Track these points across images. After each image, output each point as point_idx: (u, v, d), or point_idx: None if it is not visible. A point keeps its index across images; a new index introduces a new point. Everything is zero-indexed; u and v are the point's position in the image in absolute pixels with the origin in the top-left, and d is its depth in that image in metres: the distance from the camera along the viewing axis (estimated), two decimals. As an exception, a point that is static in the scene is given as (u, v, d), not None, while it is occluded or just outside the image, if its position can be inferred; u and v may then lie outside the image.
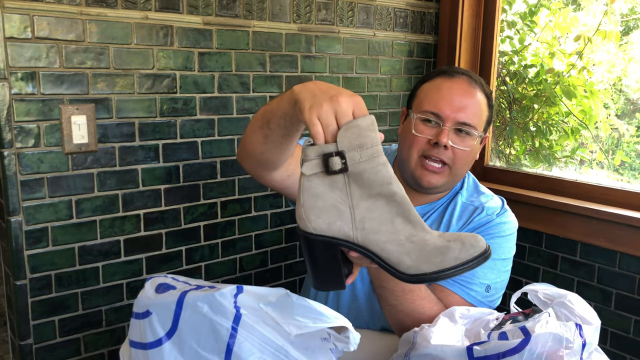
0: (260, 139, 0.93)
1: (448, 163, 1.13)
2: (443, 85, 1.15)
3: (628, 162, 1.90)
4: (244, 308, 0.74)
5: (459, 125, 1.12)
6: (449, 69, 1.19)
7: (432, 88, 1.16)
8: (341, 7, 1.82)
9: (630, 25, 1.91)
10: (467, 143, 1.14)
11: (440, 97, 1.13)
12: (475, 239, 0.72)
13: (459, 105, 1.12)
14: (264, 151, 0.96)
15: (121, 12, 1.43)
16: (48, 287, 1.43)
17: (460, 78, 1.15)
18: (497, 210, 1.20)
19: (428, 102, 1.14)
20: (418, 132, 1.13)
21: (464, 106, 1.12)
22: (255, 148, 0.96)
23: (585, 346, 0.80)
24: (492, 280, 1.14)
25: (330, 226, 0.71)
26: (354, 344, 0.79)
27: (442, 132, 1.11)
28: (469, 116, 1.12)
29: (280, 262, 1.87)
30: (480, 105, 1.15)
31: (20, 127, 1.34)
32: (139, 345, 0.77)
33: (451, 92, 1.13)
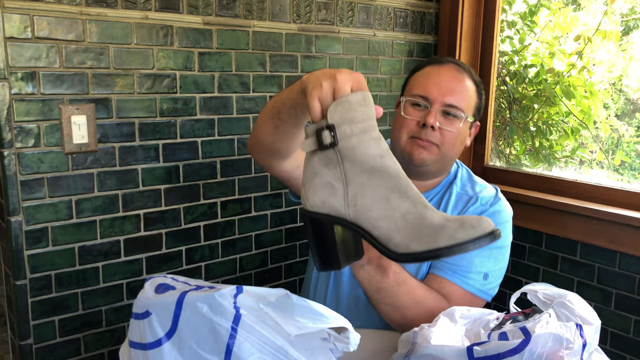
0: (271, 129, 0.97)
1: (436, 143, 1.17)
2: (432, 71, 1.21)
3: (628, 162, 1.90)
4: (243, 308, 0.74)
5: (446, 107, 1.17)
6: (439, 58, 1.25)
7: (422, 75, 1.23)
8: (341, 7, 1.82)
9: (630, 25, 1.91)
10: (454, 125, 1.18)
11: (429, 82, 1.19)
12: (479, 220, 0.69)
13: (446, 89, 1.17)
14: (275, 140, 0.99)
15: (121, 12, 1.43)
16: (48, 287, 1.43)
17: (448, 65, 1.21)
18: (490, 200, 1.22)
19: (417, 87, 1.20)
20: (407, 115, 1.19)
21: (451, 89, 1.17)
22: (266, 138, 1.00)
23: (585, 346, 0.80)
24: (489, 268, 1.15)
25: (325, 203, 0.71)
26: (353, 344, 0.79)
27: (430, 114, 1.16)
28: (456, 99, 1.17)
29: (280, 262, 1.87)
30: (468, 90, 1.20)
31: (20, 127, 1.34)
32: (138, 346, 0.77)
33: (439, 77, 1.19)
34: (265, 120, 0.98)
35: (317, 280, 1.35)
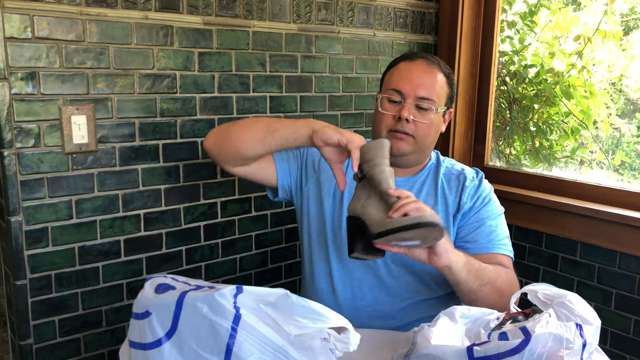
0: (257, 139, 1.19)
1: (412, 134, 1.27)
2: (404, 68, 1.31)
3: (628, 162, 1.90)
4: (243, 308, 0.74)
5: (419, 100, 1.26)
6: (410, 54, 1.35)
7: (395, 71, 1.32)
8: (341, 7, 1.82)
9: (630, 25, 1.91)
10: (427, 117, 1.28)
11: (401, 78, 1.29)
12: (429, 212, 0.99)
13: (417, 83, 1.27)
14: (252, 149, 1.22)
15: (121, 12, 1.43)
16: (48, 287, 1.43)
17: (418, 60, 1.31)
18: (474, 174, 1.36)
19: (391, 83, 1.30)
20: (384, 110, 1.29)
21: (422, 83, 1.27)
22: (245, 144, 1.21)
23: (585, 346, 0.80)
24: (505, 232, 1.31)
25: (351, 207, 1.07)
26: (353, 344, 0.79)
27: (404, 107, 1.26)
28: (428, 91, 1.27)
29: (280, 262, 1.87)
30: (439, 82, 1.30)
31: (20, 127, 1.34)
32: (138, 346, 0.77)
33: (410, 72, 1.29)
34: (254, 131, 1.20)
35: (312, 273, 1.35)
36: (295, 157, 1.37)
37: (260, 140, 1.19)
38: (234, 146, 1.24)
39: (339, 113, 1.90)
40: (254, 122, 1.23)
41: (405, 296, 1.27)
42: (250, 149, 1.22)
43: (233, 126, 1.27)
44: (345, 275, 1.30)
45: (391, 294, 1.27)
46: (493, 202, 1.32)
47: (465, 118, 2.10)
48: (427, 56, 1.32)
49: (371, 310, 1.28)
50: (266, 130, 1.18)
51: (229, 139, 1.25)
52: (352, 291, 1.29)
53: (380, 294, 1.28)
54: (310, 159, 1.38)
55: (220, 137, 1.28)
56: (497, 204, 1.33)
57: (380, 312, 1.28)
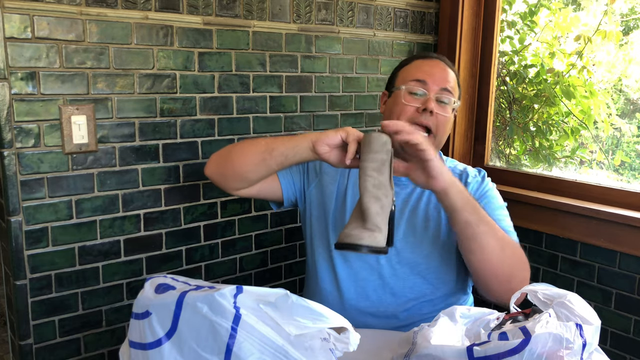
0: (257, 161, 1.20)
1: (432, 130, 1.28)
2: (422, 63, 1.34)
3: (628, 162, 1.90)
4: (243, 308, 0.74)
5: (441, 92, 1.29)
6: (424, 53, 1.41)
7: (412, 67, 1.34)
8: (341, 7, 1.82)
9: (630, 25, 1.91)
10: (447, 110, 1.30)
11: (422, 71, 1.32)
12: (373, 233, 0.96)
13: (439, 76, 1.30)
14: (254, 171, 1.23)
15: (121, 12, 1.43)
16: (48, 287, 1.43)
17: (434, 59, 1.36)
18: (476, 172, 1.37)
19: (412, 75, 1.31)
20: (407, 102, 1.29)
21: (444, 77, 1.31)
22: (246, 168, 1.22)
23: (585, 346, 0.80)
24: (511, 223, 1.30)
25: None
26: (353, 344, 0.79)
27: (429, 100, 1.27)
28: (450, 84, 1.31)
29: (280, 262, 1.87)
30: (455, 79, 1.34)
31: (20, 127, 1.34)
32: (138, 346, 0.77)
33: (431, 68, 1.32)
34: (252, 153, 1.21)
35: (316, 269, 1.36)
36: (298, 168, 1.38)
37: (260, 161, 1.20)
38: (236, 171, 1.24)
39: (339, 113, 1.90)
40: (252, 145, 1.24)
41: (410, 297, 1.27)
42: (251, 172, 1.23)
43: (232, 151, 1.27)
44: (350, 277, 1.30)
45: (396, 295, 1.27)
46: (495, 196, 1.32)
47: (465, 118, 2.10)
48: (439, 56, 1.38)
49: (375, 311, 1.28)
50: (265, 151, 1.19)
51: (229, 165, 1.26)
52: (356, 292, 1.29)
53: (384, 294, 1.27)
54: (312, 164, 1.38)
55: (221, 164, 1.29)
56: (500, 199, 1.33)
57: (384, 313, 1.28)
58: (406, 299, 1.27)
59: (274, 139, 1.22)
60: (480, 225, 1.12)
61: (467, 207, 1.11)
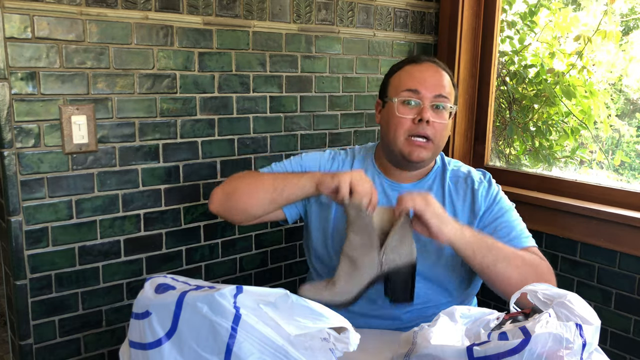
0: (266, 202, 1.24)
1: (431, 138, 1.26)
2: (413, 70, 1.29)
3: (628, 162, 1.90)
4: (243, 308, 0.74)
5: (436, 98, 1.25)
6: (415, 57, 1.34)
7: (404, 74, 1.30)
8: (341, 7, 1.82)
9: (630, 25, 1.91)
10: (444, 116, 1.27)
11: (414, 78, 1.27)
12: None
13: (432, 83, 1.26)
14: (262, 209, 1.27)
15: (121, 12, 1.43)
16: (48, 287, 1.43)
17: (425, 63, 1.30)
18: (481, 176, 1.35)
19: (404, 84, 1.27)
20: (401, 114, 1.26)
21: (437, 82, 1.27)
22: (254, 207, 1.26)
23: (585, 346, 0.80)
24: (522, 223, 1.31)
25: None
26: (353, 344, 0.79)
27: (424, 109, 1.24)
28: (442, 89, 1.26)
29: (280, 262, 1.87)
30: (448, 82, 1.29)
31: (20, 127, 1.34)
32: (138, 346, 0.77)
33: (422, 74, 1.28)
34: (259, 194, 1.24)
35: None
36: None
37: (269, 202, 1.25)
38: (244, 211, 1.28)
39: (339, 113, 1.90)
40: (259, 185, 1.25)
41: (415, 303, 1.27)
42: (260, 210, 1.28)
43: (237, 191, 1.28)
44: None
45: None
46: (504, 199, 1.32)
47: (465, 118, 2.10)
48: (431, 58, 1.33)
49: (379, 314, 1.28)
50: (273, 192, 1.23)
51: (236, 205, 1.28)
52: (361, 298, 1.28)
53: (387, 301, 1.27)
54: None
55: (226, 203, 1.30)
56: (507, 200, 1.33)
57: (388, 315, 1.27)
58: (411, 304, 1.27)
59: (281, 179, 1.24)
60: (498, 264, 1.13)
61: (479, 251, 1.12)
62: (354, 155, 1.40)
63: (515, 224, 1.28)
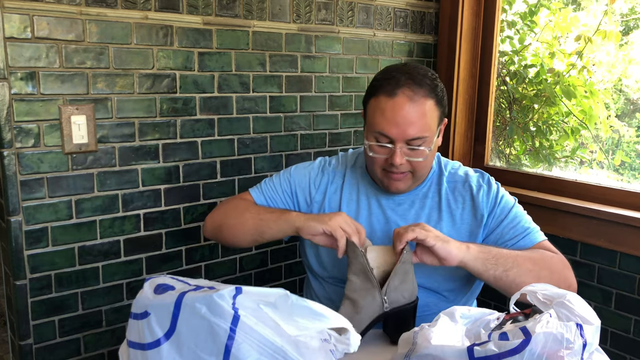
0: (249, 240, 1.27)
1: (409, 171, 1.21)
2: (386, 106, 1.16)
3: (628, 162, 1.90)
4: (242, 309, 0.74)
5: (409, 141, 1.17)
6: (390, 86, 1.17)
7: (377, 109, 1.18)
8: (341, 7, 1.82)
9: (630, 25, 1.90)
10: (421, 154, 1.18)
11: (385, 120, 1.16)
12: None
13: (404, 124, 1.15)
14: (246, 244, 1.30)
15: (121, 12, 1.43)
16: (48, 287, 1.43)
17: (400, 96, 1.15)
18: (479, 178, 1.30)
19: (376, 124, 1.18)
20: (375, 154, 1.20)
21: (409, 123, 1.15)
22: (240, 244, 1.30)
23: (586, 346, 0.79)
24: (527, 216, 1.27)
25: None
26: (354, 345, 0.79)
27: (395, 154, 1.16)
28: (416, 130, 1.16)
29: (280, 262, 1.87)
30: (426, 113, 1.16)
31: (20, 127, 1.34)
32: (137, 346, 0.77)
33: (394, 112, 1.15)
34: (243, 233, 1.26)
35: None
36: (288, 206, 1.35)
37: (251, 241, 1.28)
38: (233, 244, 1.33)
39: (339, 113, 1.90)
40: (240, 225, 1.27)
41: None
42: (247, 245, 1.32)
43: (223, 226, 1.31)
44: None
45: None
46: (504, 198, 1.27)
47: (465, 118, 2.10)
48: (407, 83, 1.15)
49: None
50: (255, 233, 1.24)
51: (224, 239, 1.34)
52: None
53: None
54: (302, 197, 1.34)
55: (216, 236, 1.35)
56: (508, 196, 1.29)
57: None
58: None
59: (261, 220, 1.24)
60: (509, 272, 1.11)
61: (489, 265, 1.10)
62: (345, 166, 1.35)
63: (521, 223, 1.24)
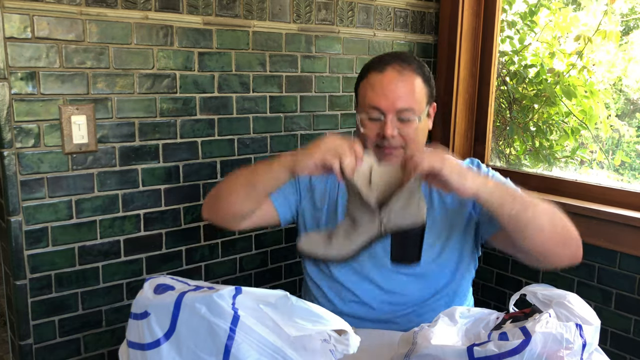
0: (243, 197, 1.18)
1: (401, 146, 1.21)
2: (375, 80, 1.22)
3: (628, 162, 1.90)
4: (242, 309, 0.74)
5: (399, 113, 1.19)
6: (379, 62, 1.24)
7: (367, 86, 1.23)
8: (341, 7, 1.82)
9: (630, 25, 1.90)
10: (412, 126, 1.21)
11: (375, 93, 1.21)
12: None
13: (393, 96, 1.19)
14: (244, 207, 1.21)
15: (121, 12, 1.43)
16: (48, 287, 1.43)
17: (388, 70, 1.21)
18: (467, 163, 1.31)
19: (367, 99, 1.22)
20: (366, 129, 1.22)
21: (399, 95, 1.19)
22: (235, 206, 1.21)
23: (585, 346, 0.80)
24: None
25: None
26: (353, 346, 0.79)
27: (386, 125, 1.19)
28: (406, 102, 1.19)
29: (280, 262, 1.87)
30: (415, 87, 1.21)
31: (20, 127, 1.34)
32: (137, 346, 0.77)
33: (383, 85, 1.20)
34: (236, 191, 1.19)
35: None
36: (291, 185, 1.35)
37: (245, 197, 1.18)
38: (227, 212, 1.24)
39: (339, 113, 1.90)
40: (234, 181, 1.21)
41: (408, 303, 1.27)
42: (241, 208, 1.22)
43: (219, 191, 1.26)
44: (344, 286, 1.29)
45: (393, 302, 1.27)
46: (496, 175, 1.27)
47: (465, 118, 2.10)
48: (396, 61, 1.22)
49: (373, 318, 1.27)
50: (247, 186, 1.17)
51: (220, 207, 1.25)
52: (352, 300, 1.28)
53: (382, 303, 1.27)
54: (303, 182, 1.35)
55: (212, 207, 1.28)
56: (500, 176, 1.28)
57: (382, 318, 1.27)
58: (404, 305, 1.27)
59: (252, 171, 1.19)
60: (528, 210, 1.05)
61: (506, 200, 1.05)
62: None
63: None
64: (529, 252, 1.12)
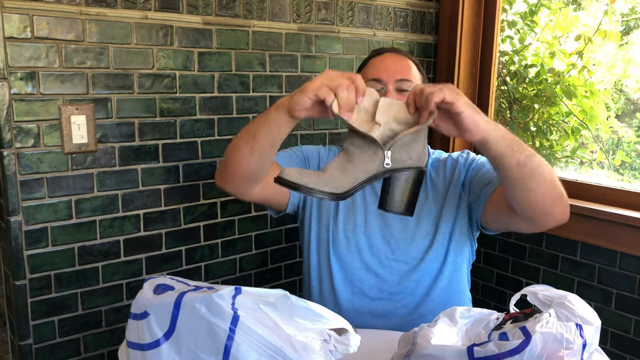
0: (247, 153, 1.10)
1: None
2: (375, 60, 1.34)
3: (628, 162, 1.90)
4: (242, 309, 0.74)
5: (399, 82, 1.28)
6: (378, 49, 1.41)
7: (369, 67, 1.34)
8: (341, 7, 1.82)
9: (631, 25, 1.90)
10: None
11: (376, 68, 1.31)
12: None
13: (392, 69, 1.29)
14: (250, 163, 1.12)
15: (121, 12, 1.43)
16: (48, 287, 1.43)
17: (387, 53, 1.36)
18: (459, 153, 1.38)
19: (369, 75, 1.30)
20: None
21: (398, 67, 1.30)
22: (241, 164, 1.12)
23: (585, 346, 0.79)
24: None
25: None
26: (354, 346, 0.79)
27: (388, 93, 1.27)
28: (405, 73, 1.30)
29: (280, 262, 1.87)
30: (411, 67, 1.33)
31: (20, 127, 1.34)
32: (136, 346, 0.77)
33: (383, 62, 1.32)
34: (239, 146, 1.11)
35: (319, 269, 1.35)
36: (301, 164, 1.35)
37: (249, 152, 1.10)
38: (235, 173, 1.16)
39: (339, 113, 1.89)
40: (237, 139, 1.15)
41: (408, 294, 1.27)
42: (247, 165, 1.13)
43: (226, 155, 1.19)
44: (346, 277, 1.30)
45: (393, 293, 1.28)
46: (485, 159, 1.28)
47: (465, 118, 2.10)
48: (394, 48, 1.42)
49: (373, 309, 1.28)
50: (249, 139, 1.09)
51: (228, 170, 1.18)
52: (352, 292, 1.29)
53: (382, 293, 1.28)
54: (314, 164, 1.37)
55: (222, 173, 1.21)
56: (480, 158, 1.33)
57: (382, 312, 1.28)
58: (404, 295, 1.27)
59: (252, 122, 1.11)
60: (535, 157, 1.02)
61: (513, 147, 1.00)
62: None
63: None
64: (527, 210, 1.08)
